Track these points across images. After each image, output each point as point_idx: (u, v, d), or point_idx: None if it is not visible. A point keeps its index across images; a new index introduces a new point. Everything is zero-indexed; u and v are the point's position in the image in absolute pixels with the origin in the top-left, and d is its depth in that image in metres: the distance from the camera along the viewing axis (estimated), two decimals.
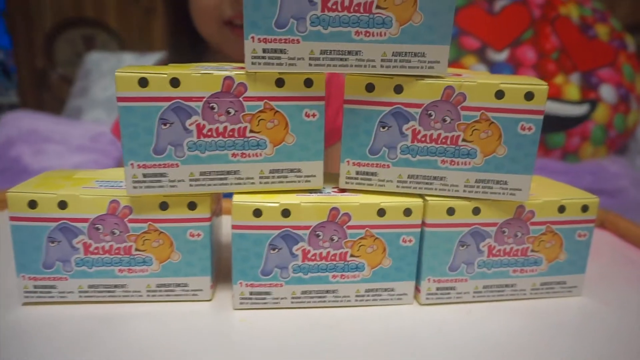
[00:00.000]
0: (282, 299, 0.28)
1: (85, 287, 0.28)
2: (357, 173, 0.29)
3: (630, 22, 1.01)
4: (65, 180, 0.29)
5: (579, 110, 0.71)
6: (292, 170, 0.28)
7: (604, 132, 0.73)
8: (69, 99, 1.05)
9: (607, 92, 0.73)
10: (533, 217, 0.29)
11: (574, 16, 0.76)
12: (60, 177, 0.30)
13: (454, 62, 0.72)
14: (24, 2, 1.16)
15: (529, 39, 0.72)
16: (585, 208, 0.30)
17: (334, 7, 0.25)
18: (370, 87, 0.27)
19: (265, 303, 0.28)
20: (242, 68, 0.27)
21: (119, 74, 0.25)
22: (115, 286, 0.28)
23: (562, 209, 0.30)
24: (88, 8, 1.18)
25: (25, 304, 0.27)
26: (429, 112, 0.27)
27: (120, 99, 0.25)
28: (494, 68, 0.71)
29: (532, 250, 0.30)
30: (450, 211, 0.28)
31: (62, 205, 0.27)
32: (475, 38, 0.72)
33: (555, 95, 0.70)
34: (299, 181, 0.28)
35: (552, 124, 0.70)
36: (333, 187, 0.30)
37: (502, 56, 0.71)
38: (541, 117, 0.27)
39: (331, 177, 0.31)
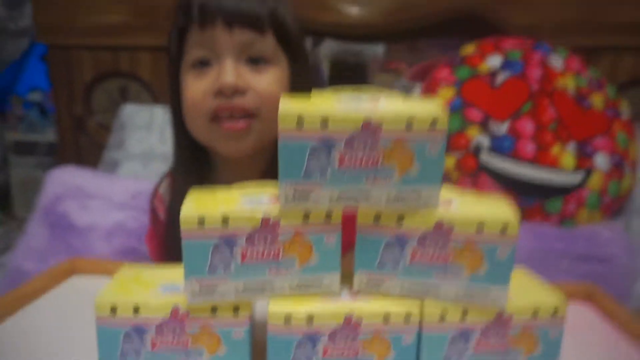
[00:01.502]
0: None
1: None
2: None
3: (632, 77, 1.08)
4: (136, 285, 0.37)
5: (574, 178, 0.77)
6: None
7: (599, 198, 0.78)
8: (106, 151, 1.14)
9: (601, 160, 0.79)
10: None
11: (570, 88, 0.83)
12: (132, 280, 0.38)
13: (457, 133, 0.79)
14: (64, 52, 1.27)
15: (527, 111, 0.79)
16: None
17: (349, 164, 0.33)
18: (377, 218, 0.35)
19: None
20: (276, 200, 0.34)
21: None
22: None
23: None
24: (124, 62, 1.29)
25: None
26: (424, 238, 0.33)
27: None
28: (495, 140, 0.77)
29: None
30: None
31: (136, 310, 0.34)
32: (478, 110, 0.80)
33: (552, 164, 0.77)
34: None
35: (549, 191, 0.77)
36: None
37: (503, 128, 0.78)
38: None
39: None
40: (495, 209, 0.35)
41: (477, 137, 0.79)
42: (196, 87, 0.52)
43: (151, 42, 1.25)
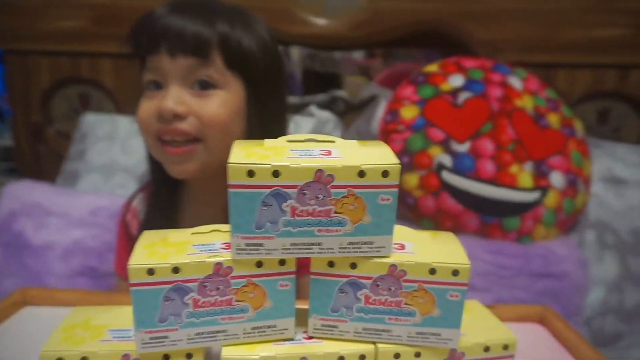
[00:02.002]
0: None
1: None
2: None
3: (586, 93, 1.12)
4: (84, 331, 0.36)
5: (531, 196, 0.80)
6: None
7: (555, 215, 0.81)
8: (66, 162, 1.10)
9: (556, 179, 0.82)
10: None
11: (529, 107, 0.86)
12: (80, 325, 0.36)
13: (420, 152, 0.80)
14: (21, 57, 1.23)
15: (487, 131, 0.81)
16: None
17: (301, 214, 0.33)
18: (331, 264, 0.35)
19: None
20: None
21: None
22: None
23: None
24: (84, 68, 1.25)
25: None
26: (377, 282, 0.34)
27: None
28: (457, 160, 0.79)
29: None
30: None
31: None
32: (440, 130, 0.81)
33: (510, 184, 0.79)
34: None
35: (508, 209, 0.79)
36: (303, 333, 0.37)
37: (464, 147, 0.80)
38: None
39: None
40: (448, 253, 0.36)
41: (439, 156, 0.80)
42: (145, 108, 0.54)
43: (113, 49, 1.22)
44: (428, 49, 1.71)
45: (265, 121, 0.57)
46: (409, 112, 0.84)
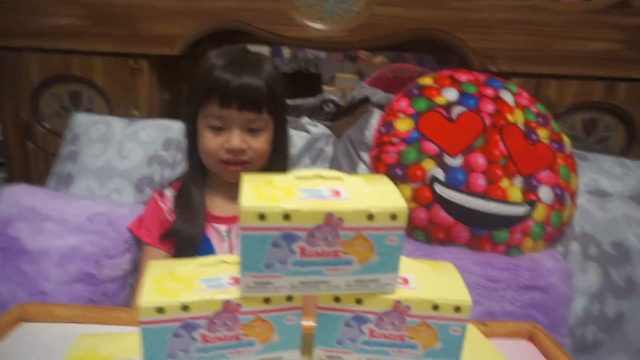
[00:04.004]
0: None
1: None
2: None
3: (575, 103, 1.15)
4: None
5: (520, 210, 0.82)
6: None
7: (542, 229, 0.84)
8: (58, 163, 1.09)
9: (545, 193, 0.84)
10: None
11: (520, 122, 0.88)
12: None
13: (414, 164, 0.82)
14: (12, 54, 1.21)
15: (480, 146, 0.83)
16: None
17: (310, 254, 0.34)
18: (337, 299, 0.36)
19: None
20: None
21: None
22: None
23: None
24: (75, 66, 1.23)
25: None
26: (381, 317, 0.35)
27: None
28: (449, 173, 0.81)
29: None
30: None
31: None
32: (433, 144, 0.83)
33: (501, 197, 0.81)
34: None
35: (498, 222, 0.81)
36: None
37: (456, 162, 0.82)
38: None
39: None
40: (449, 288, 0.37)
41: (432, 169, 0.81)
42: (213, 143, 0.75)
43: (105, 47, 1.20)
44: (423, 54, 1.73)
45: (281, 141, 0.80)
46: (403, 125, 0.85)
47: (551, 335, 0.60)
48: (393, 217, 0.33)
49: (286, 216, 0.32)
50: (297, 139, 1.02)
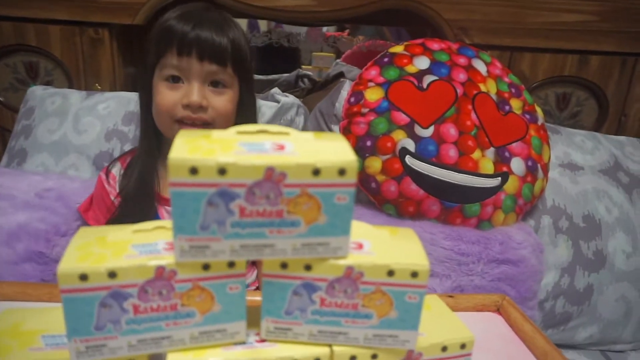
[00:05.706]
0: None
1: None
2: None
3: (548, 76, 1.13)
4: (14, 340, 0.33)
5: (492, 182, 0.80)
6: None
7: (514, 201, 0.82)
8: (12, 138, 1.03)
9: (517, 165, 0.82)
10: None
11: (492, 92, 0.85)
12: (10, 332, 0.33)
13: (384, 135, 0.79)
14: None
15: (451, 116, 0.80)
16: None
17: (250, 214, 0.30)
18: (284, 266, 0.33)
19: None
20: None
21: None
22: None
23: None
24: (29, 36, 1.15)
25: None
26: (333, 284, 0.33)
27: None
28: (420, 145, 0.78)
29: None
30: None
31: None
32: (404, 114, 0.80)
33: (472, 169, 0.79)
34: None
35: (469, 195, 0.79)
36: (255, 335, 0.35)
37: (427, 132, 0.79)
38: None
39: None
40: (407, 253, 0.35)
41: (402, 140, 0.79)
42: (168, 97, 0.67)
43: (61, 15, 1.13)
44: (397, 26, 1.69)
45: (248, 105, 0.73)
46: (373, 95, 0.82)
47: (519, 307, 0.58)
48: (342, 172, 0.30)
49: (221, 170, 0.29)
50: (265, 108, 0.97)
